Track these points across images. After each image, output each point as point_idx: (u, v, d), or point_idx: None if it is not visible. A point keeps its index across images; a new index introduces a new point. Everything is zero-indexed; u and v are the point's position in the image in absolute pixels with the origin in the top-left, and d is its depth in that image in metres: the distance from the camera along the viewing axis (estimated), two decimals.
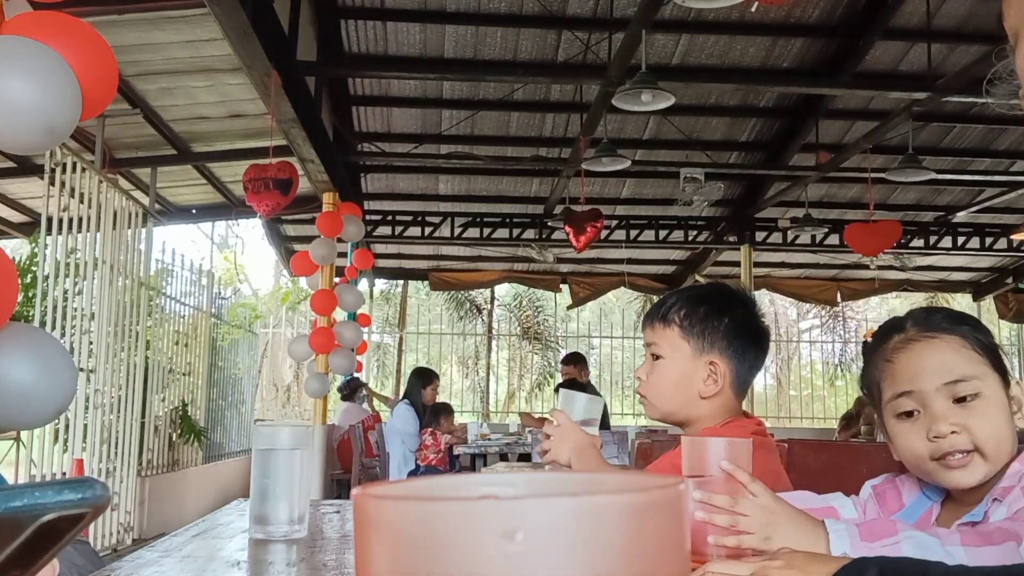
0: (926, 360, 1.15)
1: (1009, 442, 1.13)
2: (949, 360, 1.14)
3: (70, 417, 5.31)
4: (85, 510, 0.45)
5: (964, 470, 1.12)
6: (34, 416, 2.29)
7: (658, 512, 0.31)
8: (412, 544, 0.29)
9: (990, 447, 1.12)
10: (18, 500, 0.43)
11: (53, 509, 0.44)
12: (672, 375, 1.57)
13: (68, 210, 5.17)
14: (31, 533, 0.44)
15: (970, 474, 1.12)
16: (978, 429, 1.12)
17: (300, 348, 7.34)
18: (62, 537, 0.47)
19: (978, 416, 1.12)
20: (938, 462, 1.13)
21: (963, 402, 1.13)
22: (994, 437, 1.12)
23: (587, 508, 0.29)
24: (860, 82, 6.96)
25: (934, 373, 1.14)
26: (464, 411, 14.75)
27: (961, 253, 10.76)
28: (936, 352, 1.15)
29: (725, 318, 1.56)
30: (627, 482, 0.34)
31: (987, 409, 1.13)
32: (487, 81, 7.31)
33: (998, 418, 1.13)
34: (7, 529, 0.44)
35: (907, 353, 1.17)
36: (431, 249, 11.17)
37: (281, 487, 1.39)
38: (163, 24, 5.38)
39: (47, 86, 1.97)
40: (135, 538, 5.99)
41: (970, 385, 1.13)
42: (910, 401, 1.15)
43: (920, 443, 1.14)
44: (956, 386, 1.13)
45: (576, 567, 0.29)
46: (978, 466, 1.12)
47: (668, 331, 1.58)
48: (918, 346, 1.17)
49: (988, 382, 1.14)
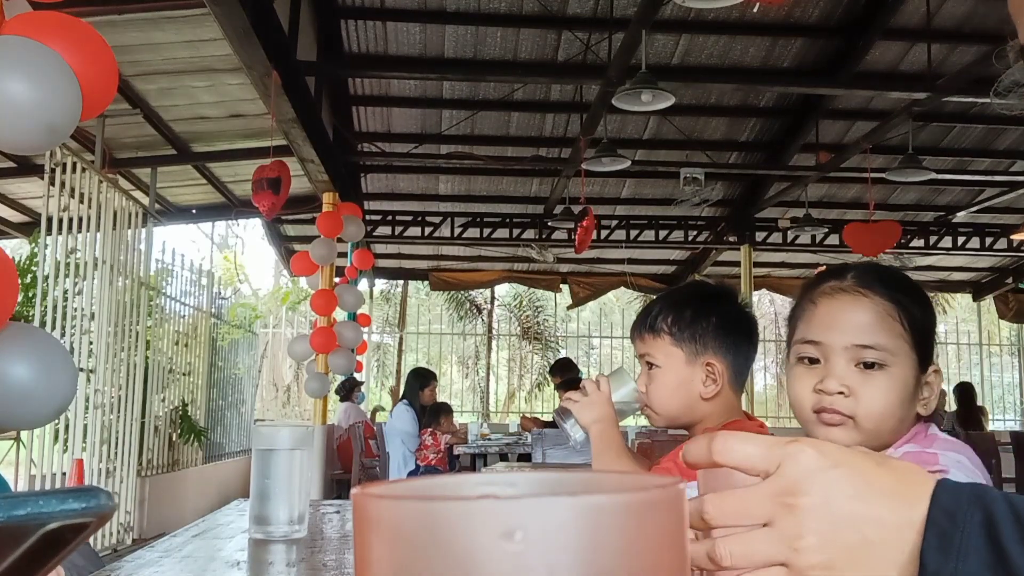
0: (846, 315, 1.11)
1: (893, 425, 1.10)
2: (868, 323, 1.09)
3: (70, 417, 5.30)
4: (89, 519, 0.45)
5: (835, 429, 1.09)
6: (34, 416, 2.29)
7: (658, 512, 0.31)
8: (412, 544, 0.29)
9: (870, 422, 1.08)
10: (21, 509, 0.43)
11: (57, 518, 0.44)
12: (670, 382, 1.57)
13: (68, 210, 5.17)
14: (34, 542, 0.44)
15: (840, 435, 1.08)
16: (867, 401, 1.08)
17: (300, 348, 7.34)
18: (66, 546, 0.47)
19: (873, 388, 1.08)
20: (817, 415, 1.10)
21: (865, 368, 1.09)
22: (879, 414, 1.08)
23: (586, 508, 0.29)
24: (860, 82, 6.96)
25: (847, 331, 1.10)
26: (464, 411, 14.76)
27: (961, 253, 10.77)
28: (859, 310, 1.10)
29: (713, 317, 1.57)
30: (627, 482, 0.34)
31: (886, 384, 1.08)
32: (487, 81, 7.31)
33: (893, 398, 1.09)
34: (10, 538, 0.44)
35: (831, 301, 1.12)
36: (431, 249, 11.17)
37: (281, 487, 1.39)
38: (163, 24, 5.38)
39: (47, 86, 1.97)
40: (135, 538, 5.99)
41: (878, 355, 1.08)
42: (814, 350, 1.12)
43: (807, 391, 1.11)
44: (863, 351, 1.08)
45: (576, 567, 0.29)
46: (850, 432, 1.08)
47: (659, 340, 1.57)
48: (845, 298, 1.12)
49: (899, 359, 1.09)
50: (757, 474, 0.53)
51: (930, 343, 1.12)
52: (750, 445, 0.53)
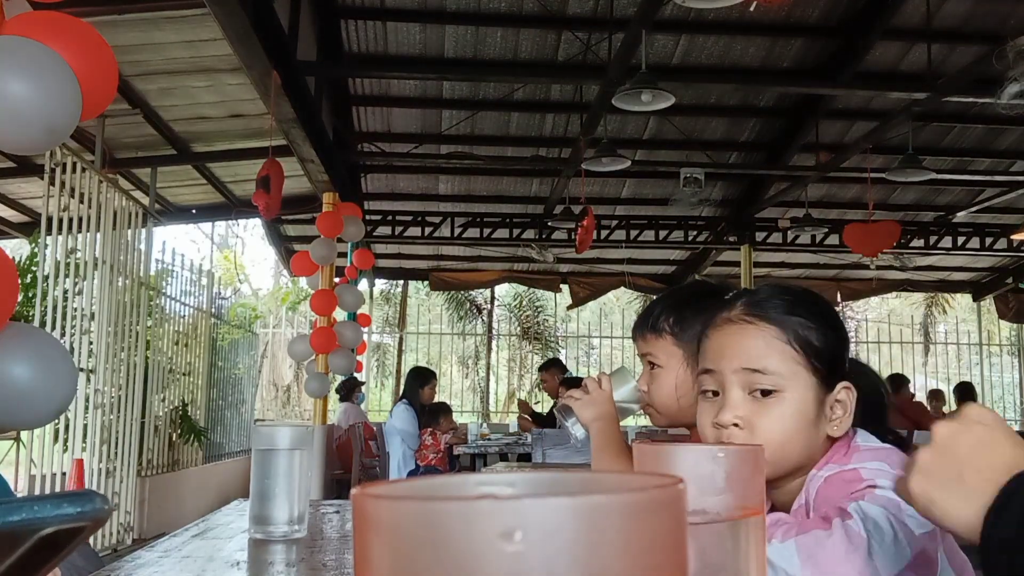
0: (732, 343, 1.10)
1: (797, 452, 1.06)
2: (755, 349, 1.08)
3: (70, 417, 5.31)
4: (85, 523, 0.45)
5: None
6: (34, 416, 2.29)
7: (657, 512, 0.31)
8: (411, 544, 0.29)
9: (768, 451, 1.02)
10: (16, 514, 0.43)
11: (52, 523, 0.44)
12: (672, 382, 1.56)
13: (68, 210, 5.17)
14: (30, 546, 0.44)
15: None
16: (762, 430, 1.05)
17: (300, 348, 7.34)
18: (62, 549, 0.46)
19: (767, 417, 1.05)
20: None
21: (761, 396, 1.06)
22: (777, 443, 1.04)
23: (586, 508, 0.29)
24: (860, 82, 6.96)
25: (734, 356, 1.08)
26: (464, 411, 14.75)
27: (961, 253, 10.77)
28: (745, 338, 1.09)
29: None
30: (626, 482, 0.34)
31: (780, 411, 1.05)
32: (487, 81, 7.31)
33: (789, 425, 1.05)
34: (6, 543, 0.44)
35: (720, 332, 1.12)
36: (431, 249, 11.17)
37: (281, 487, 1.39)
38: (163, 24, 5.38)
39: (47, 86, 1.97)
40: (135, 538, 5.99)
41: (768, 379, 1.06)
42: (711, 380, 1.10)
43: (708, 425, 1.10)
44: (754, 376, 1.06)
45: (575, 567, 0.29)
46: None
47: (661, 340, 1.57)
48: (732, 328, 1.11)
49: (794, 383, 1.06)
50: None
51: (836, 362, 1.09)
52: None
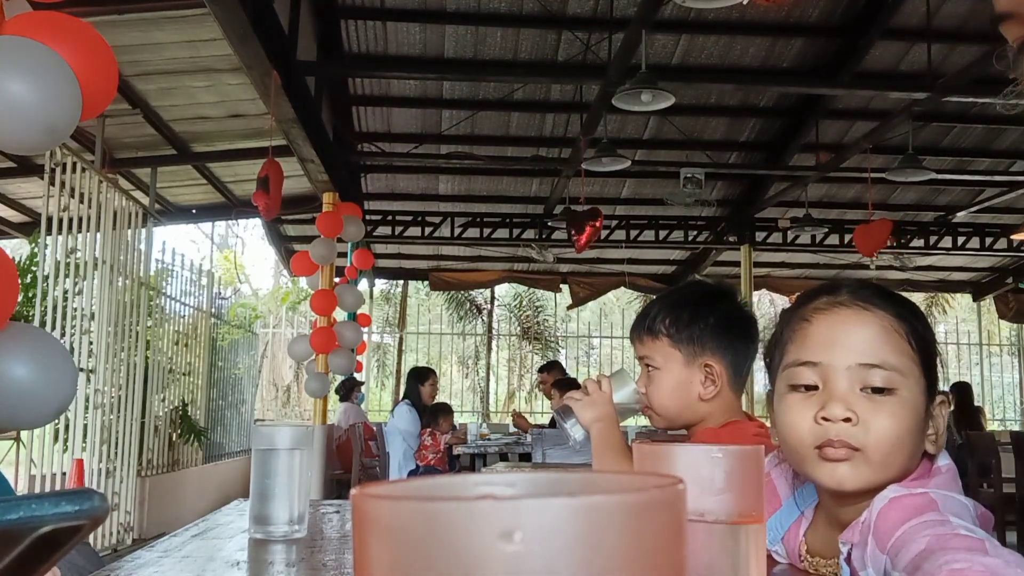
0: (848, 331, 0.96)
1: (903, 458, 0.94)
2: (874, 339, 0.95)
3: (70, 417, 5.31)
4: (83, 522, 0.45)
5: (842, 465, 0.93)
6: (34, 416, 2.29)
7: (657, 512, 0.31)
8: (410, 544, 0.29)
9: (880, 454, 0.93)
10: (14, 513, 0.43)
11: (50, 521, 0.44)
12: (669, 384, 1.57)
13: (68, 210, 5.17)
14: (28, 545, 0.44)
15: (846, 472, 0.93)
16: (877, 429, 0.93)
17: (300, 348, 7.34)
18: (60, 548, 0.46)
19: (884, 415, 0.93)
20: (818, 450, 0.94)
21: (873, 393, 0.94)
22: (890, 445, 0.93)
23: (586, 508, 0.29)
24: (860, 82, 6.96)
25: (851, 349, 0.95)
26: (464, 411, 14.76)
27: (961, 253, 10.77)
28: (862, 325, 0.96)
29: (711, 318, 1.56)
30: (626, 482, 0.34)
31: (897, 411, 0.93)
32: (487, 81, 7.31)
33: (904, 426, 0.93)
34: (3, 542, 0.44)
35: (829, 316, 0.98)
36: (431, 249, 11.17)
37: (281, 487, 1.39)
38: (163, 24, 5.38)
39: (47, 86, 1.97)
40: (135, 538, 5.99)
41: (887, 376, 0.93)
42: (812, 373, 0.96)
43: (806, 423, 0.95)
44: (871, 371, 0.94)
45: (575, 567, 0.29)
46: (858, 467, 0.93)
47: (658, 342, 1.57)
48: (845, 312, 0.97)
49: (910, 382, 0.95)
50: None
51: (934, 365, 0.98)
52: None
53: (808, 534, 1.04)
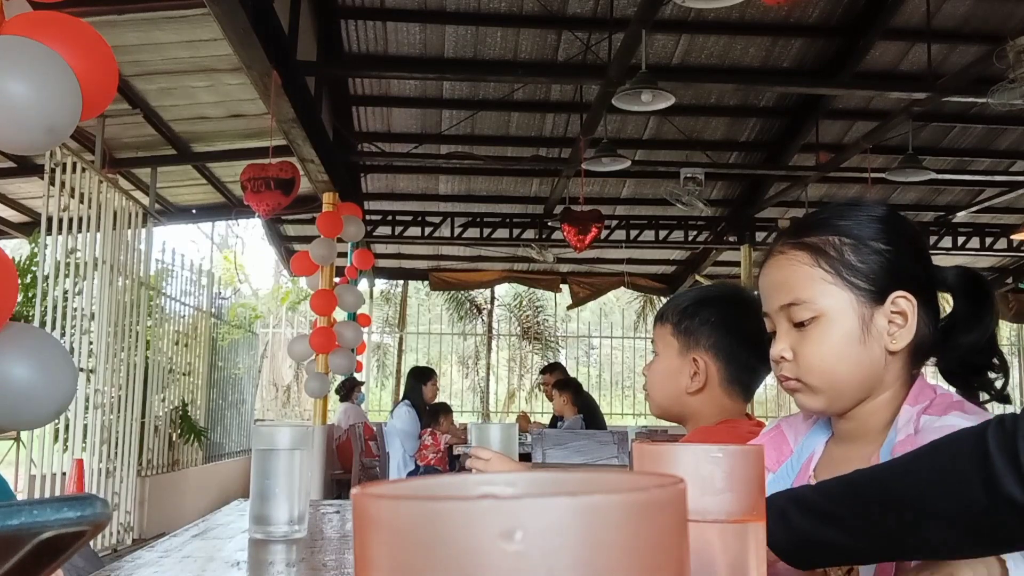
0: (769, 278, 1.08)
1: (849, 373, 1.01)
2: (786, 280, 1.04)
3: (70, 417, 5.31)
4: (85, 527, 0.45)
5: (798, 395, 1.04)
6: (34, 416, 2.29)
7: (658, 512, 0.31)
8: (411, 544, 0.29)
9: (816, 379, 1.02)
10: (16, 518, 0.43)
11: (52, 527, 0.44)
12: (662, 370, 1.61)
13: (68, 210, 5.17)
14: (29, 550, 0.44)
15: (804, 400, 1.04)
16: (804, 357, 1.02)
17: (300, 348, 7.34)
18: (62, 554, 0.46)
19: (808, 343, 1.02)
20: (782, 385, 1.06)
21: (801, 327, 1.03)
22: (819, 368, 1.01)
23: (586, 507, 0.29)
24: (860, 82, 6.96)
25: (773, 295, 1.06)
26: (464, 411, 14.76)
27: (961, 253, 10.76)
28: (777, 269, 1.06)
29: (712, 317, 1.58)
30: (626, 481, 0.34)
31: (822, 334, 1.01)
32: (487, 81, 7.31)
33: (828, 347, 1.01)
34: (5, 547, 0.43)
35: (763, 271, 1.10)
36: (431, 249, 11.17)
37: (281, 487, 1.39)
38: (163, 24, 5.38)
39: (47, 86, 1.97)
40: (135, 538, 5.99)
41: (803, 309, 1.02)
42: (768, 322, 1.08)
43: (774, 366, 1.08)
44: (791, 309, 1.03)
45: (575, 567, 0.29)
46: (808, 394, 1.04)
47: (663, 329, 1.62)
48: (769, 262, 1.08)
49: (829, 303, 1.01)
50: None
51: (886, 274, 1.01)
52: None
53: (817, 468, 1.10)
